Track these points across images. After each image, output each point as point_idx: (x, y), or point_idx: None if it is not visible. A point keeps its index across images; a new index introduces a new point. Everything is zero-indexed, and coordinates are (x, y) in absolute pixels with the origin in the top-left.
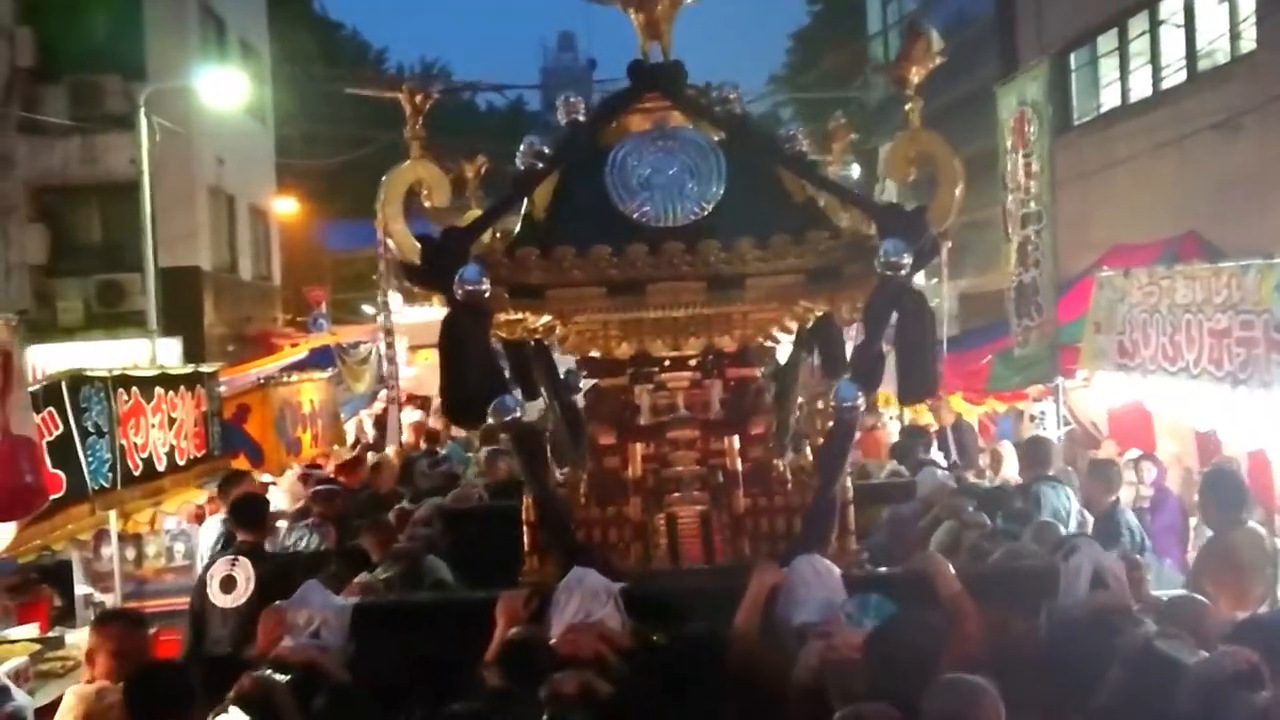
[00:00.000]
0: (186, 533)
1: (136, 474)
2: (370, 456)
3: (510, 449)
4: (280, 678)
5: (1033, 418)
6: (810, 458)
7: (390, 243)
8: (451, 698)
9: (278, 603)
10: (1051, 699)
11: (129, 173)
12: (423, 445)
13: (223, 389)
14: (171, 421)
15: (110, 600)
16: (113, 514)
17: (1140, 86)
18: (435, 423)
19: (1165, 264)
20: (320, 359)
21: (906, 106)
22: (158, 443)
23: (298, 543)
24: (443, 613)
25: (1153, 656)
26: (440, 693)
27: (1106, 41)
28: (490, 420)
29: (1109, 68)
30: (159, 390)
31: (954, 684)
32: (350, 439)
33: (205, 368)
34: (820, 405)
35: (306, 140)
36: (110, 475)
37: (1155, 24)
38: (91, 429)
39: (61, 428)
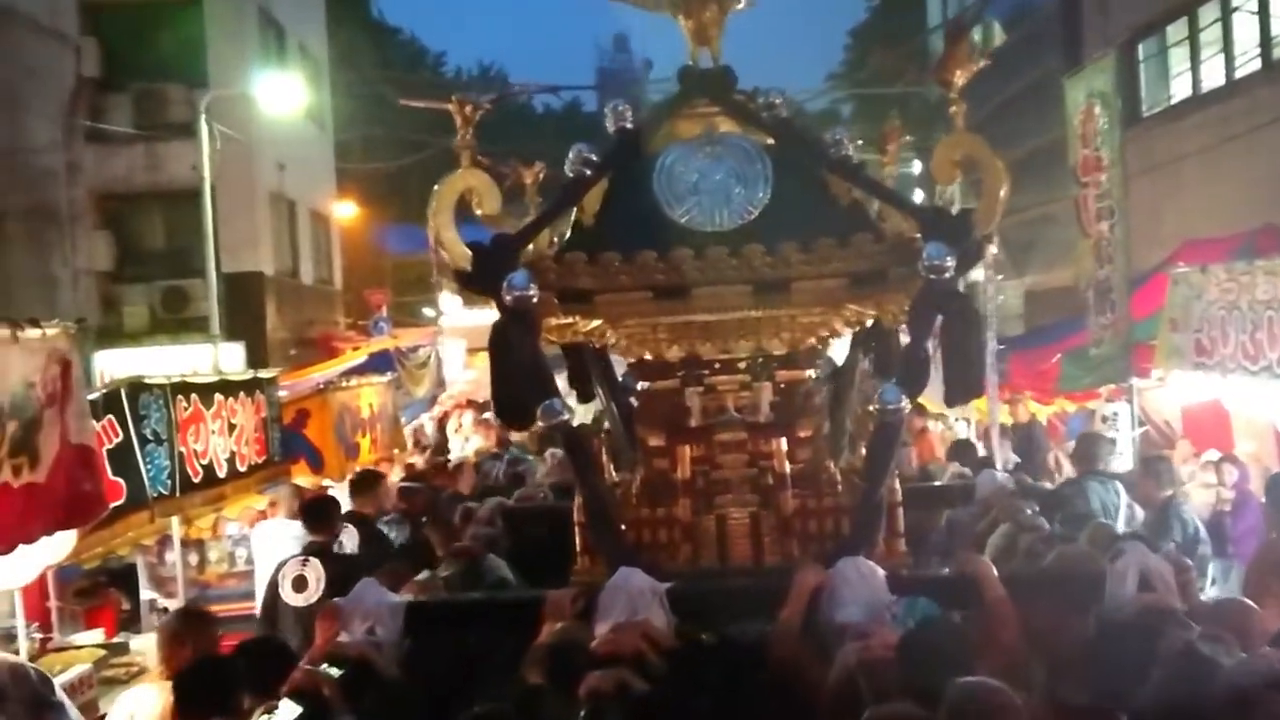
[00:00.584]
0: (248, 538)
1: (197, 480)
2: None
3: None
4: (333, 672)
5: (1105, 418)
6: (864, 458)
7: (441, 250)
8: (501, 697)
9: (334, 600)
10: (1098, 701)
11: (192, 179)
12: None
13: (282, 394)
14: (232, 428)
15: (174, 605)
16: (175, 520)
17: (1212, 76)
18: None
19: (1242, 258)
20: (380, 363)
21: (951, 110)
22: (218, 449)
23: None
24: (495, 612)
25: (1193, 658)
26: (490, 692)
27: (1176, 31)
28: (540, 423)
29: (1179, 58)
30: (219, 397)
31: (971, 686)
32: (410, 443)
33: (264, 373)
34: (871, 408)
35: (365, 144)
36: (169, 482)
37: (1228, 11)
38: (150, 436)
39: (121, 435)
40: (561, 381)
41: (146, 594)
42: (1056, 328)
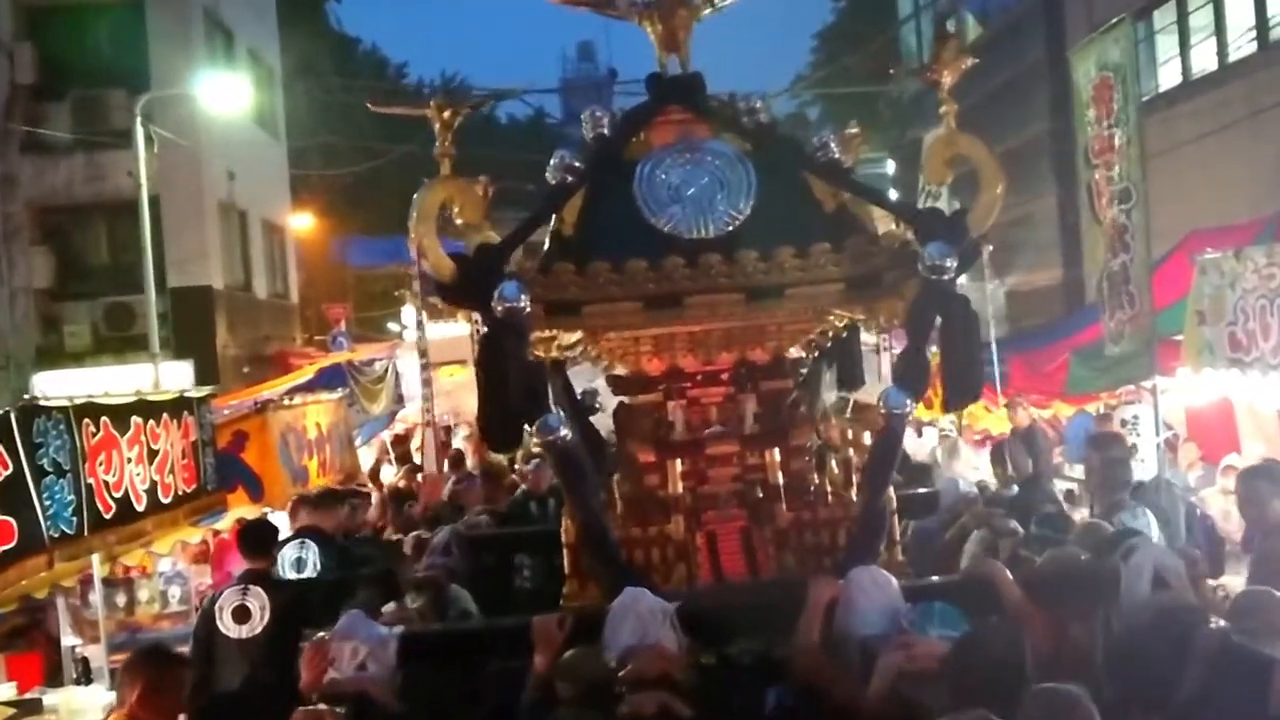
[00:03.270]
0: (183, 575)
1: (109, 516)
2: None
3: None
4: (336, 710)
5: (1124, 422)
6: (836, 471)
7: (423, 261)
8: None
9: (320, 634)
10: (1117, 701)
11: (136, 190)
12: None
13: (225, 413)
14: (153, 454)
15: (95, 652)
16: (95, 558)
17: (1204, 60)
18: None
19: (1264, 244)
20: (331, 379)
21: (941, 110)
22: (136, 479)
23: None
24: (491, 640)
25: (1234, 652)
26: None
27: (1163, 15)
28: (535, 440)
29: (1167, 44)
30: (136, 420)
31: (1049, 694)
32: (368, 465)
33: (192, 392)
34: (835, 420)
35: (323, 154)
36: (74, 519)
37: None
38: (49, 467)
39: (11, 467)
40: None
41: (68, 640)
42: (1063, 324)
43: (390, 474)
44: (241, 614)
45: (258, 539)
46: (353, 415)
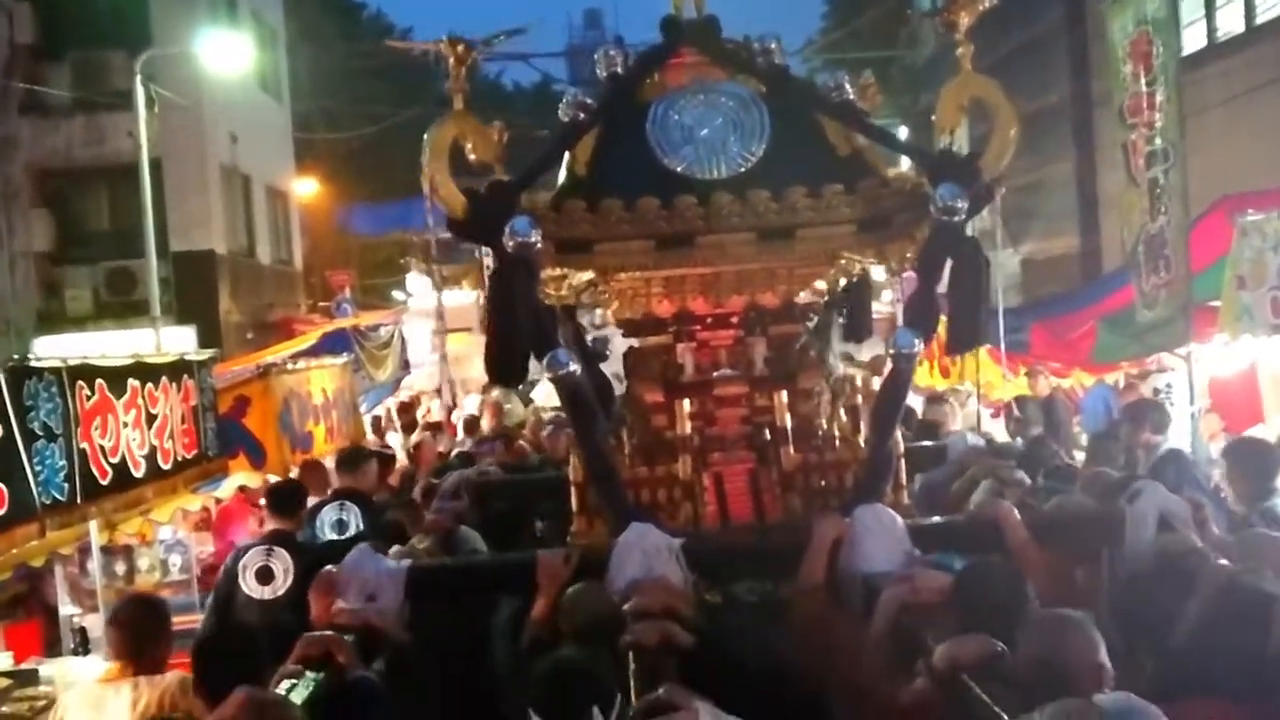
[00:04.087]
0: (184, 543)
1: (104, 483)
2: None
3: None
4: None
5: (1157, 391)
6: (844, 418)
7: (435, 197)
8: (505, 658)
9: (329, 568)
10: (1122, 643)
11: (137, 153)
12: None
13: (227, 378)
14: (151, 419)
15: (93, 621)
16: (93, 525)
17: (1230, 23)
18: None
19: None
20: (335, 344)
21: (958, 51)
22: (133, 444)
23: None
24: (497, 574)
25: (1239, 591)
26: (498, 654)
27: None
28: (545, 375)
29: (1191, 6)
30: (133, 383)
31: (1047, 619)
32: (371, 432)
33: (193, 355)
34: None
35: (327, 120)
36: (66, 486)
37: None
38: (40, 431)
39: (1, 431)
40: None
41: (65, 609)
42: (1089, 290)
43: (396, 441)
44: (265, 575)
45: (285, 499)
46: (357, 381)
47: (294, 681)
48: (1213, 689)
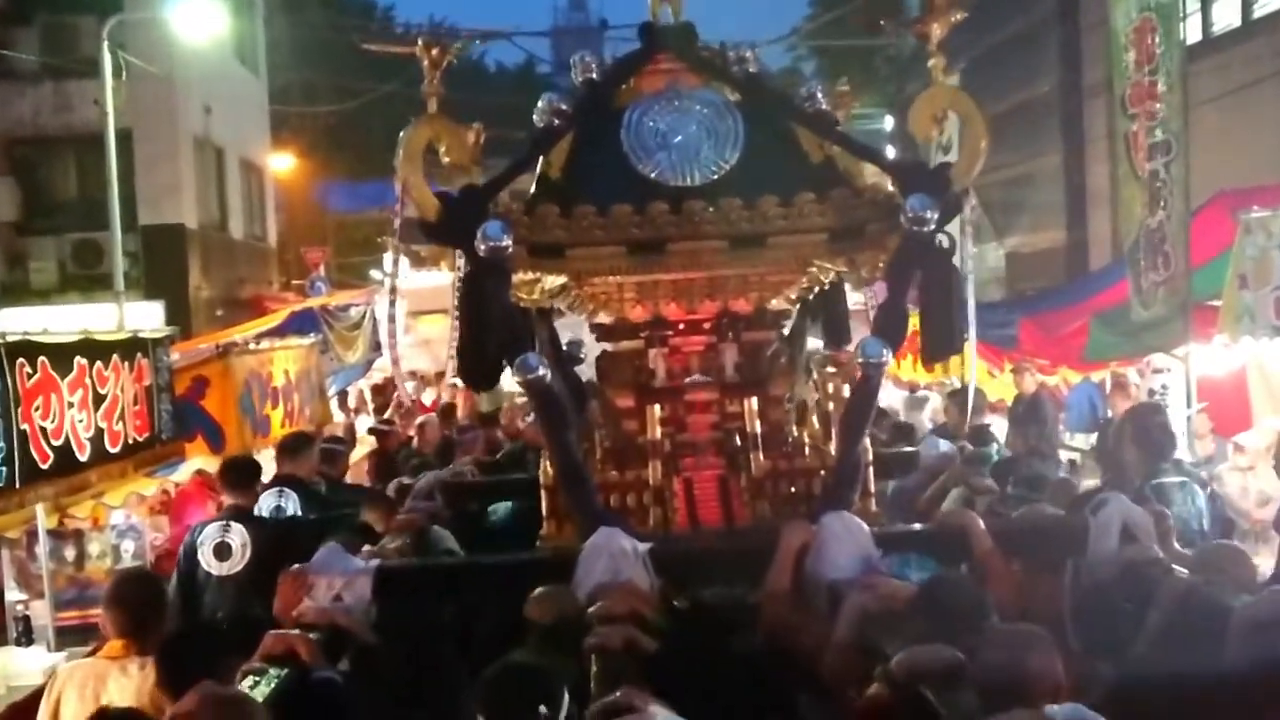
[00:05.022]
0: (137, 528)
1: (45, 466)
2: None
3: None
4: (309, 636)
5: (1153, 392)
6: (816, 424)
7: (407, 199)
8: (473, 659)
9: (296, 566)
10: (1082, 651)
11: (105, 121)
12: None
13: (178, 358)
14: (99, 399)
15: (39, 608)
16: (40, 509)
17: (1226, 17)
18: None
19: None
20: (302, 324)
21: (930, 63)
22: (79, 426)
23: None
24: (466, 575)
25: (1196, 601)
26: (467, 654)
27: None
28: (516, 379)
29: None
30: (80, 361)
31: (1009, 634)
32: (343, 416)
33: (148, 333)
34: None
35: (306, 93)
36: (4, 470)
37: None
38: None
39: None
40: None
41: (12, 594)
42: (1081, 285)
43: (367, 425)
44: (222, 550)
45: (240, 474)
46: (326, 363)
47: (257, 679)
48: (1170, 700)
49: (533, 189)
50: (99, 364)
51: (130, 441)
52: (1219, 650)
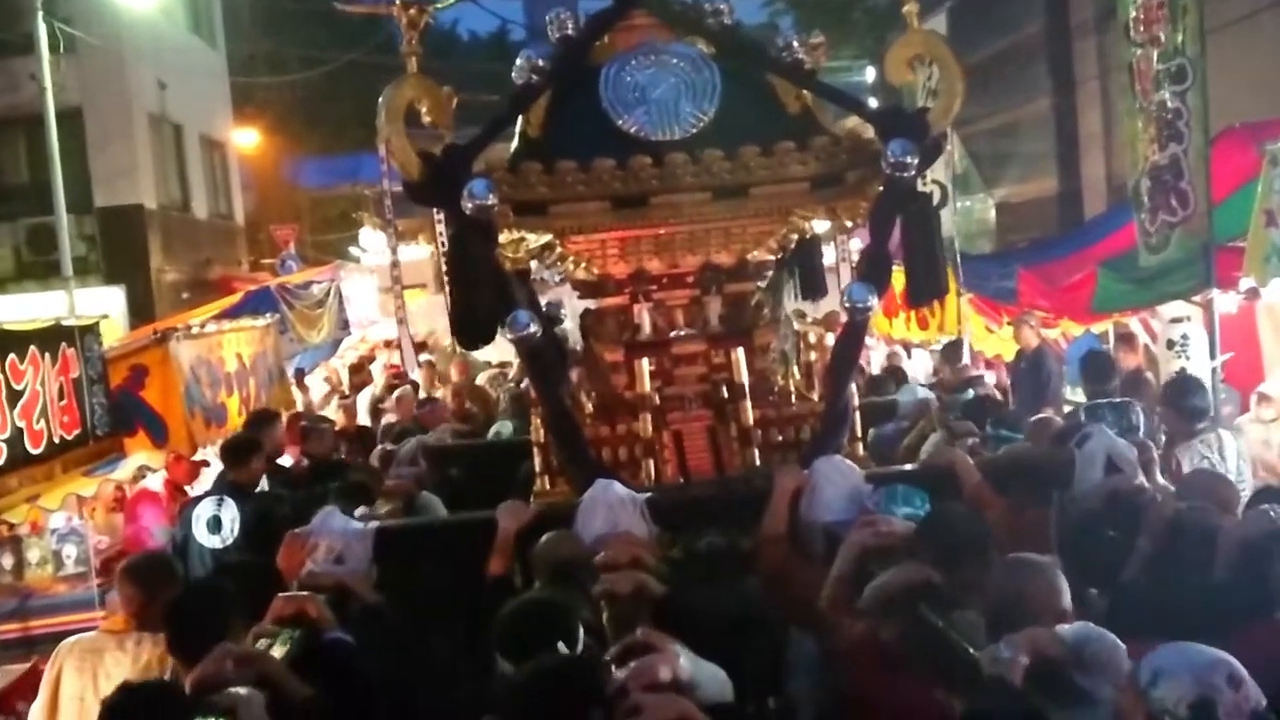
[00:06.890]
0: (79, 532)
1: None
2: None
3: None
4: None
5: (1172, 343)
6: (798, 375)
7: (391, 160)
8: (474, 614)
9: (297, 530)
10: (1072, 581)
11: (59, 102)
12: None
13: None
14: (15, 396)
15: None
16: None
17: None
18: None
19: None
20: (258, 304)
21: (904, 8)
22: None
23: None
24: (464, 533)
25: (1184, 525)
26: (467, 610)
27: None
28: (507, 336)
29: None
30: None
31: (1016, 562)
32: (318, 397)
33: (72, 321)
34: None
35: (271, 65)
36: None
37: None
38: None
39: None
40: None
41: None
42: (1085, 230)
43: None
44: (214, 524)
45: (237, 450)
46: (286, 344)
47: (270, 640)
48: (1164, 621)
49: (513, 146)
50: (13, 357)
51: (57, 440)
52: (1208, 571)
